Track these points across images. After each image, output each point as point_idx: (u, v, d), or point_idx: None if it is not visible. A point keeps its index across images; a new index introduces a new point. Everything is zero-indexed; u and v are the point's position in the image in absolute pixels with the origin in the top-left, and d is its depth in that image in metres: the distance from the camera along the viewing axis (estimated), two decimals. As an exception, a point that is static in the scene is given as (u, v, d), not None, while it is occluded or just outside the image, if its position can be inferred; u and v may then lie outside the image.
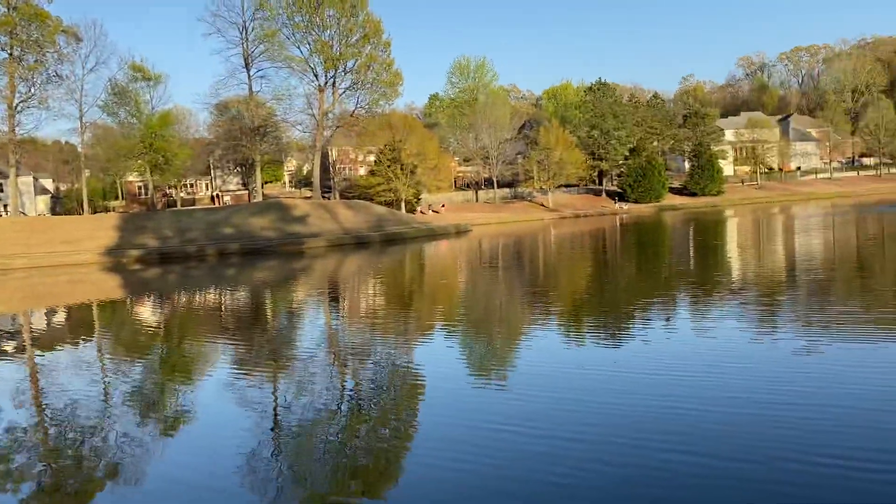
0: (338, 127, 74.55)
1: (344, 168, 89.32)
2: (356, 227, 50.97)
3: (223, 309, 20.33)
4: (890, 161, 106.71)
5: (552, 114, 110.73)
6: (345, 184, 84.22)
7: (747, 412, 7.40)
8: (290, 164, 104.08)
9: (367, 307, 18.88)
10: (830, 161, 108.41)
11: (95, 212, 69.89)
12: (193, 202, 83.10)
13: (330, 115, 72.11)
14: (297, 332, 15.54)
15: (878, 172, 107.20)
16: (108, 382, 11.28)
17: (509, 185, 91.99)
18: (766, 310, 13.87)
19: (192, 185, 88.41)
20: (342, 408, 8.95)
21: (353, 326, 15.45)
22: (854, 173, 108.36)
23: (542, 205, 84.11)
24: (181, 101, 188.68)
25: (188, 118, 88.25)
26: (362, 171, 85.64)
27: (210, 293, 25.09)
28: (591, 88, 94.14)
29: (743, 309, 14.04)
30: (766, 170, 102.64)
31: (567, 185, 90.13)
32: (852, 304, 13.97)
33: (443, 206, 79.15)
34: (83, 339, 16.13)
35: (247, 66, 68.39)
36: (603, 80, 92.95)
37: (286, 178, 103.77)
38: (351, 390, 9.82)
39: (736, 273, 20.79)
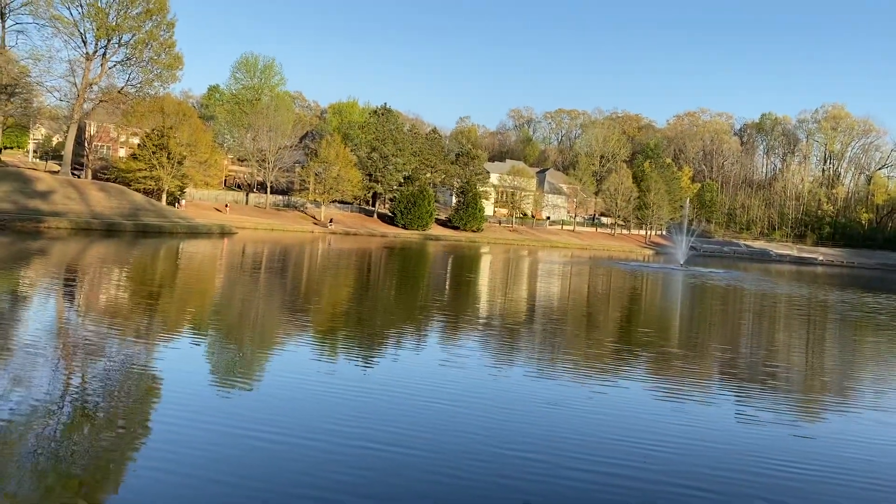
0: (101, 101, 68.01)
1: (102, 146, 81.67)
2: (108, 212, 46.76)
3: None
4: (623, 223, 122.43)
5: (335, 129, 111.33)
6: (100, 163, 76.96)
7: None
8: (38, 133, 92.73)
9: (107, 301, 17.46)
10: (576, 215, 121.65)
11: None
12: None
13: (94, 88, 65.61)
14: (22, 319, 13.93)
15: (613, 231, 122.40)
16: None
17: (283, 192, 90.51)
18: (506, 342, 15.23)
19: None
20: (63, 407, 8.25)
21: (87, 319, 14.23)
22: (593, 229, 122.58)
23: (314, 217, 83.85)
24: None
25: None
26: (123, 153, 79.01)
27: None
28: (375, 112, 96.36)
29: (484, 340, 15.28)
30: (521, 215, 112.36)
31: (341, 202, 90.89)
32: (576, 344, 15.86)
33: (227, 206, 76.21)
34: None
35: (2, 16, 60.08)
36: (388, 106, 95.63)
37: (31, 147, 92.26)
38: (76, 388, 9.08)
39: (482, 307, 22.50)
